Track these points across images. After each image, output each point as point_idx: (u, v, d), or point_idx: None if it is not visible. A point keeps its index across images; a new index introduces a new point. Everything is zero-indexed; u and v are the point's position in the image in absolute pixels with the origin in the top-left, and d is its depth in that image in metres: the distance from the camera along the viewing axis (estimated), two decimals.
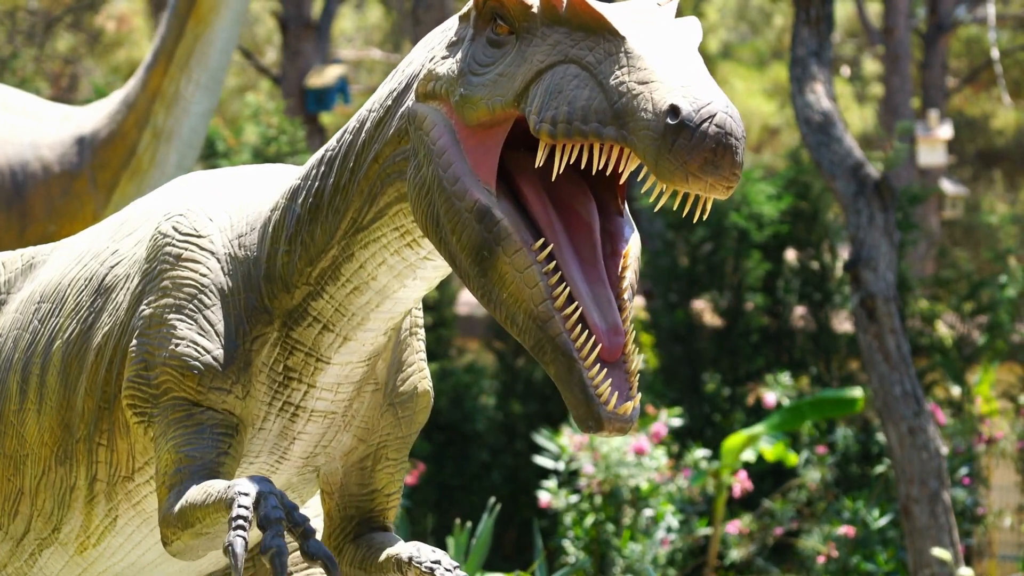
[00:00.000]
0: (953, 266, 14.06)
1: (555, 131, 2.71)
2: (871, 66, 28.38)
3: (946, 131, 21.01)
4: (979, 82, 27.23)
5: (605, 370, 2.76)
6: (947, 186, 21.64)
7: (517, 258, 2.80)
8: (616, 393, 2.76)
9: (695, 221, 2.75)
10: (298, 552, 3.68)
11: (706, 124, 2.59)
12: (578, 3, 2.78)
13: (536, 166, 2.80)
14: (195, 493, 3.04)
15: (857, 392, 11.25)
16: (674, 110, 2.60)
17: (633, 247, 2.91)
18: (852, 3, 26.44)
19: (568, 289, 2.79)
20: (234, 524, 2.86)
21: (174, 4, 7.58)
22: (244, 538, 2.85)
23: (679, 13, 3.23)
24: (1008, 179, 29.44)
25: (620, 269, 2.88)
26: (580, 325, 2.78)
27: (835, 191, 9.31)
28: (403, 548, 3.18)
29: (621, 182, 2.77)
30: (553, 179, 2.83)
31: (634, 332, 2.85)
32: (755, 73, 27.65)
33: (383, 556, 3.20)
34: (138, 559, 3.50)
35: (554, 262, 2.80)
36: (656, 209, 2.76)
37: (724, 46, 28.87)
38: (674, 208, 2.73)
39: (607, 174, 2.78)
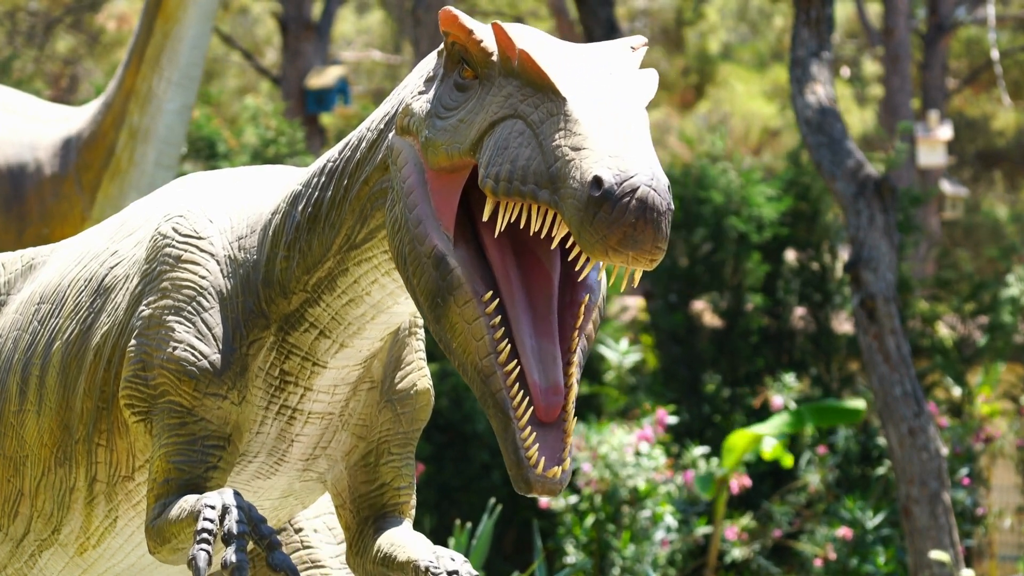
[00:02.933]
0: (953, 267, 14.06)
1: (497, 188, 2.70)
2: (871, 67, 28.37)
3: (946, 132, 21.01)
4: (979, 83, 27.22)
5: (535, 433, 2.75)
6: (947, 187, 21.63)
7: (466, 309, 2.79)
8: (543, 457, 2.75)
9: (621, 291, 2.73)
10: (298, 555, 3.68)
11: (627, 198, 2.56)
12: (525, 58, 2.75)
13: (483, 220, 2.78)
14: (173, 509, 3.07)
15: (860, 403, 11.24)
16: (597, 181, 2.57)
17: (594, 295, 2.87)
18: (852, 4, 26.44)
19: (510, 345, 2.77)
20: (198, 538, 2.89)
21: (145, 2, 7.57)
22: (207, 552, 2.87)
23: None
24: (1008, 180, 29.44)
25: (575, 320, 2.85)
26: (518, 383, 2.77)
27: (835, 192, 9.31)
28: (422, 554, 3.15)
29: (552, 247, 2.74)
30: (496, 236, 2.81)
31: (576, 390, 2.82)
32: (755, 75, 27.63)
33: (404, 557, 3.18)
34: (138, 560, 3.50)
35: (500, 316, 2.78)
36: (580, 279, 2.74)
37: (724, 47, 28.86)
38: (604, 279, 2.68)
39: (541, 236, 2.74)
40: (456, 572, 3.09)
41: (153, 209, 3.43)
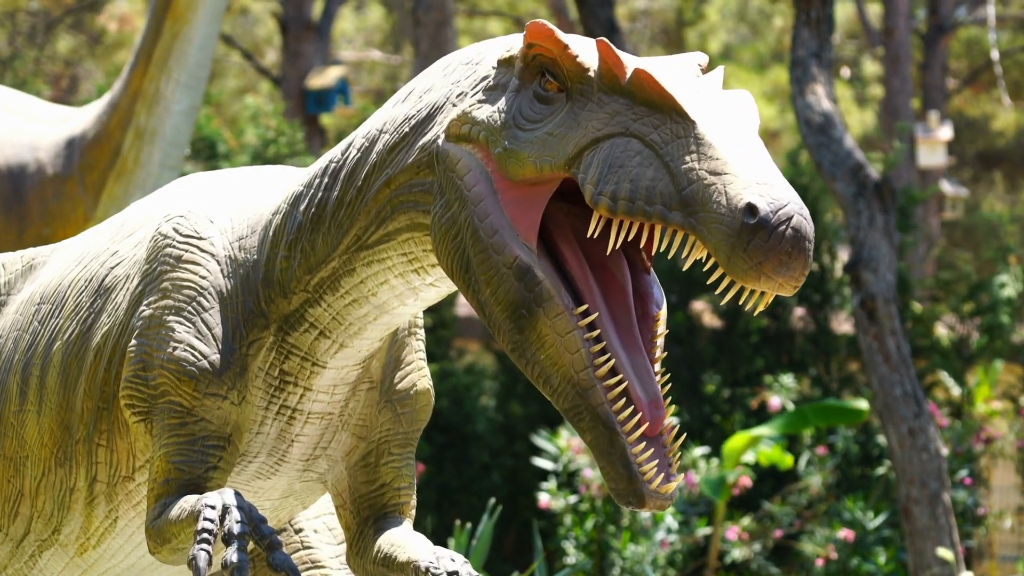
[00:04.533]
0: (952, 267, 14.06)
1: (615, 207, 2.68)
2: (871, 67, 28.38)
3: (946, 132, 21.03)
4: (979, 83, 27.23)
5: (651, 449, 2.75)
6: (947, 187, 21.65)
7: (558, 322, 2.77)
8: (661, 473, 2.75)
9: (755, 314, 2.74)
10: (298, 556, 3.68)
11: (783, 227, 2.57)
12: (645, 78, 2.73)
13: (588, 236, 2.77)
14: (173, 509, 3.07)
15: (863, 404, 11.24)
16: (751, 209, 2.57)
17: (661, 308, 2.90)
18: (852, 4, 26.45)
19: (612, 359, 2.76)
20: (198, 538, 2.89)
21: (153, 3, 7.56)
22: (207, 552, 2.87)
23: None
24: (1008, 180, 29.45)
25: (652, 334, 2.86)
26: (624, 398, 2.76)
27: (835, 192, 9.31)
28: (422, 554, 3.14)
29: (685, 268, 2.74)
30: (609, 253, 2.79)
31: (671, 403, 2.84)
32: (755, 76, 27.64)
33: (404, 557, 3.18)
34: (138, 560, 3.50)
35: (597, 330, 2.77)
36: (723, 303, 2.76)
37: (724, 47, 28.87)
38: (739, 303, 2.70)
39: (671, 256, 2.74)
40: (456, 572, 3.09)
41: (154, 209, 3.43)
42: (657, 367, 2.84)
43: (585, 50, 2.81)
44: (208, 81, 7.85)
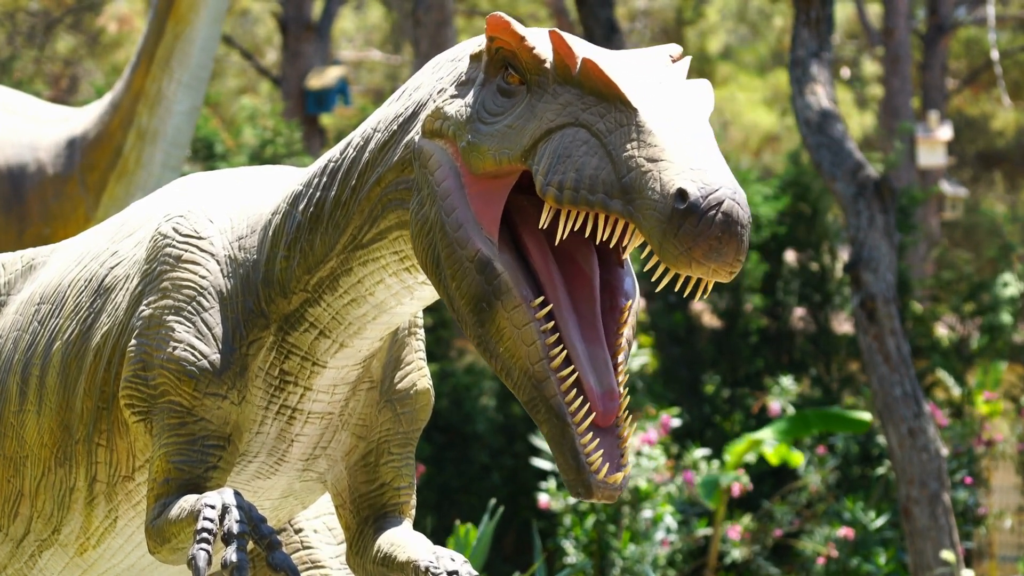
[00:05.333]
0: (952, 267, 14.06)
1: (561, 196, 2.69)
2: (871, 68, 28.38)
3: (946, 132, 21.03)
4: (979, 83, 27.24)
5: (598, 438, 2.75)
6: (947, 187, 21.65)
7: (516, 314, 2.78)
8: (607, 463, 2.75)
9: (695, 300, 2.74)
10: (297, 556, 3.68)
11: (713, 211, 2.57)
12: (591, 67, 2.74)
13: (540, 227, 2.78)
14: (173, 509, 3.07)
15: (866, 416, 11.24)
16: (682, 194, 2.57)
17: (632, 300, 2.90)
18: (852, 4, 26.45)
19: (565, 351, 2.77)
20: (197, 537, 2.89)
21: (155, 3, 7.57)
22: (207, 551, 2.87)
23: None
24: (1008, 180, 29.45)
25: (618, 326, 2.86)
26: (576, 389, 2.77)
27: (835, 192, 9.31)
28: (422, 554, 3.14)
29: (625, 256, 2.75)
30: (556, 243, 2.80)
31: (628, 395, 2.83)
32: (756, 80, 27.65)
33: (404, 557, 3.18)
34: (138, 560, 3.50)
35: (552, 321, 2.78)
36: (658, 289, 2.76)
37: (725, 48, 28.87)
38: (675, 289, 2.70)
39: (610, 245, 2.75)
40: (456, 572, 3.09)
41: (153, 209, 3.43)
42: (621, 358, 2.85)
43: (542, 42, 2.83)
44: (209, 81, 7.85)
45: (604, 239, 2.71)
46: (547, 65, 2.80)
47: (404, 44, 28.35)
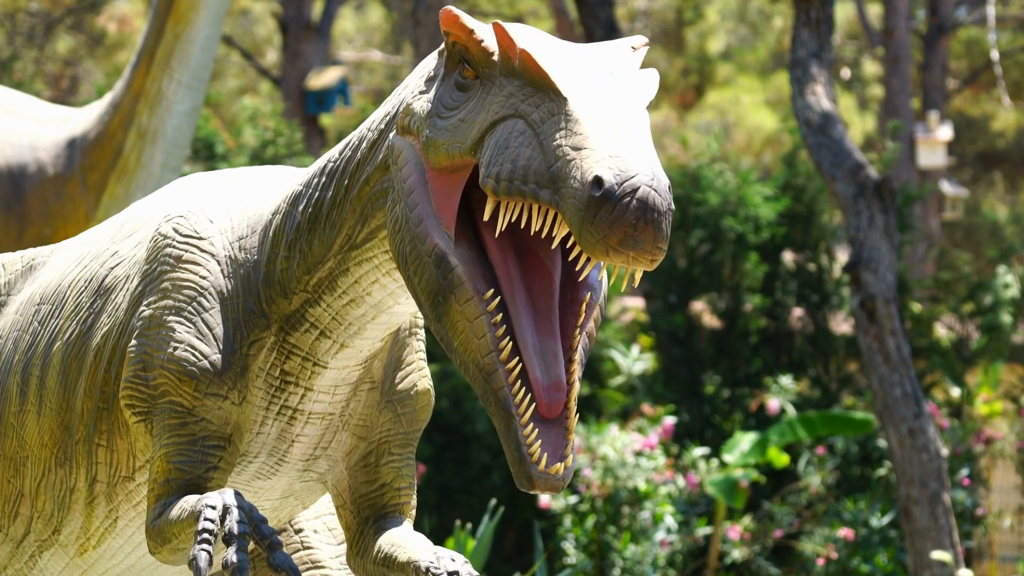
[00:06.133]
0: (952, 267, 14.06)
1: (498, 188, 2.71)
2: (871, 68, 28.38)
3: (946, 133, 21.03)
4: (979, 83, 27.24)
5: (537, 429, 2.76)
6: (947, 188, 21.64)
7: (468, 307, 2.79)
8: (546, 454, 2.75)
9: (622, 291, 2.73)
10: (298, 556, 3.68)
11: (628, 199, 2.57)
12: (526, 58, 2.75)
13: (484, 220, 2.79)
14: (173, 509, 3.08)
15: (869, 416, 11.25)
16: (598, 181, 2.57)
17: (595, 294, 2.88)
18: (852, 5, 26.45)
19: (512, 342, 2.78)
20: (198, 538, 2.90)
21: (155, 3, 7.57)
22: (208, 552, 2.87)
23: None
24: (1008, 181, 29.45)
25: (576, 318, 2.85)
26: (520, 380, 2.77)
27: (835, 192, 9.31)
28: (422, 554, 3.15)
29: (552, 246, 2.75)
30: (496, 235, 2.81)
31: (578, 387, 2.83)
32: (757, 82, 27.65)
33: (404, 557, 3.19)
34: (138, 560, 3.50)
35: (501, 313, 2.79)
36: (580, 278, 2.75)
37: (725, 49, 28.87)
38: (603, 277, 2.69)
39: (543, 236, 2.75)
40: (456, 573, 3.09)
41: (154, 210, 3.43)
42: (578, 351, 2.84)
43: (491, 35, 2.84)
44: (209, 81, 7.85)
45: (536, 230, 2.71)
46: (495, 58, 2.81)
47: (404, 44, 28.35)
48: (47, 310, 3.50)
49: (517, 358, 2.78)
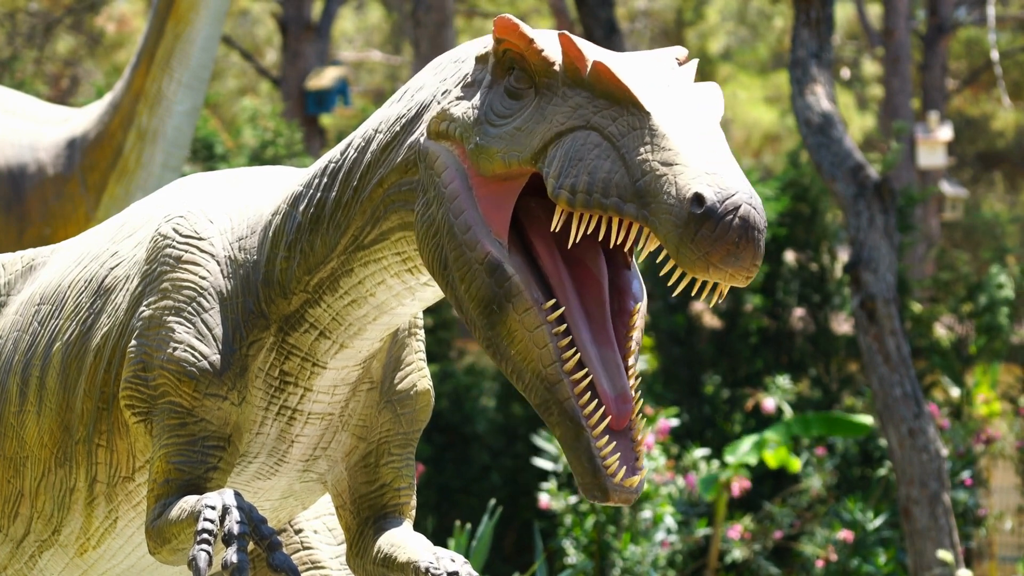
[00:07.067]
0: (951, 267, 14.06)
1: (574, 200, 2.69)
2: (871, 68, 28.39)
3: (946, 133, 21.03)
4: (979, 84, 27.25)
5: (614, 442, 2.76)
6: (947, 188, 21.65)
7: (527, 317, 2.78)
8: (624, 467, 2.76)
9: (710, 305, 2.73)
10: (298, 556, 3.68)
11: (730, 216, 2.56)
12: (602, 70, 2.73)
13: (552, 230, 2.78)
14: (173, 509, 3.08)
15: (868, 419, 11.25)
16: (699, 199, 2.57)
17: (640, 303, 2.90)
18: (852, 5, 26.46)
19: (578, 354, 2.77)
20: (198, 538, 2.89)
21: (155, 4, 7.58)
22: (207, 552, 2.87)
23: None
24: (1008, 181, 29.46)
25: (627, 329, 2.86)
26: (589, 392, 2.77)
27: (835, 193, 9.31)
28: (422, 555, 3.14)
29: (639, 259, 2.76)
30: (569, 247, 2.80)
31: (640, 398, 2.83)
32: (756, 80, 27.65)
33: (404, 558, 3.18)
34: (138, 561, 3.50)
35: (564, 324, 2.78)
36: (674, 295, 2.76)
37: (725, 49, 28.88)
38: (692, 294, 2.70)
39: (625, 248, 2.76)
40: (456, 573, 3.09)
41: (153, 210, 3.43)
42: (632, 361, 2.85)
43: (551, 44, 2.82)
44: (209, 82, 7.85)
45: (618, 243, 2.70)
46: (556, 68, 2.79)
47: (404, 45, 28.36)
48: (47, 310, 3.49)
49: (585, 370, 2.77)
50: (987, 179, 29.33)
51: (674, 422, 10.81)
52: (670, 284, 2.67)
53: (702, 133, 2.68)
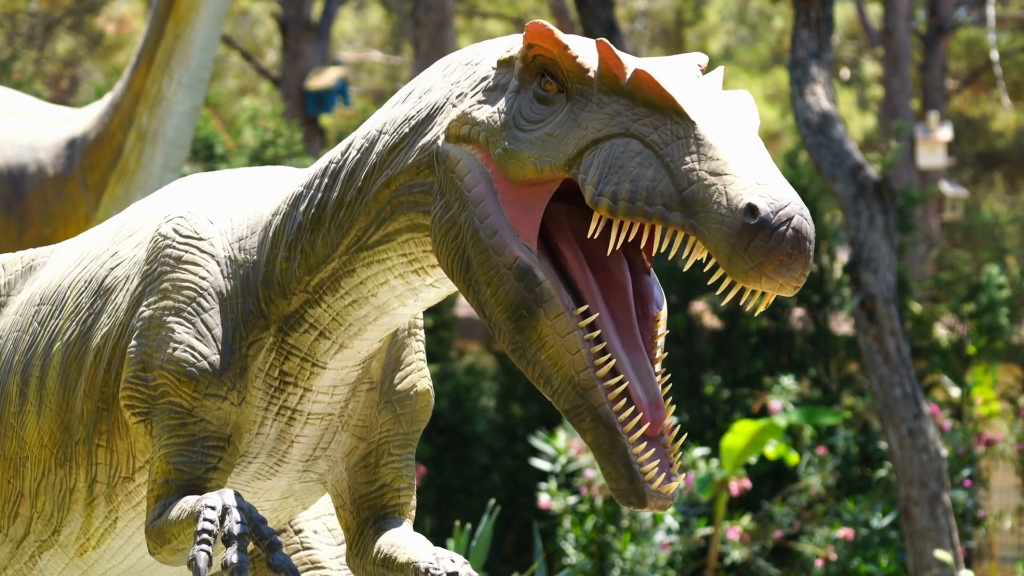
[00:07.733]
0: (951, 268, 14.06)
1: (616, 208, 2.68)
2: (871, 68, 28.39)
3: (946, 133, 21.04)
4: (979, 84, 27.26)
5: (652, 449, 2.76)
6: (947, 188, 21.65)
7: (559, 322, 2.77)
8: (662, 473, 2.76)
9: (755, 314, 2.74)
10: (298, 556, 3.68)
11: (784, 227, 2.58)
12: (645, 78, 2.73)
13: (589, 236, 2.78)
14: (173, 510, 3.08)
15: (844, 412, 11.39)
16: (752, 209, 2.57)
17: (661, 308, 2.90)
18: (852, 5, 26.46)
19: (612, 360, 2.77)
20: (198, 538, 2.89)
21: (155, 4, 7.58)
22: (207, 552, 2.87)
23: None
24: (1008, 181, 29.46)
25: (653, 335, 2.87)
26: (625, 398, 2.77)
27: (835, 193, 9.31)
28: (422, 555, 3.14)
29: (685, 268, 2.75)
30: (609, 254, 2.80)
31: (672, 404, 2.84)
32: (756, 79, 27.65)
33: (404, 558, 3.19)
34: (138, 561, 3.50)
35: (597, 331, 2.78)
36: (724, 303, 2.76)
37: (725, 50, 28.87)
38: (740, 303, 2.70)
39: (671, 257, 2.75)
40: (456, 573, 3.09)
41: (153, 210, 3.43)
42: (658, 367, 2.85)
43: (585, 51, 2.81)
44: (209, 82, 7.85)
45: (662, 251, 2.70)
46: (591, 74, 2.78)
47: (404, 45, 28.36)
48: (47, 311, 3.50)
49: (619, 377, 2.77)
50: (987, 179, 29.34)
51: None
52: (719, 292, 2.67)
53: (746, 143, 2.68)
